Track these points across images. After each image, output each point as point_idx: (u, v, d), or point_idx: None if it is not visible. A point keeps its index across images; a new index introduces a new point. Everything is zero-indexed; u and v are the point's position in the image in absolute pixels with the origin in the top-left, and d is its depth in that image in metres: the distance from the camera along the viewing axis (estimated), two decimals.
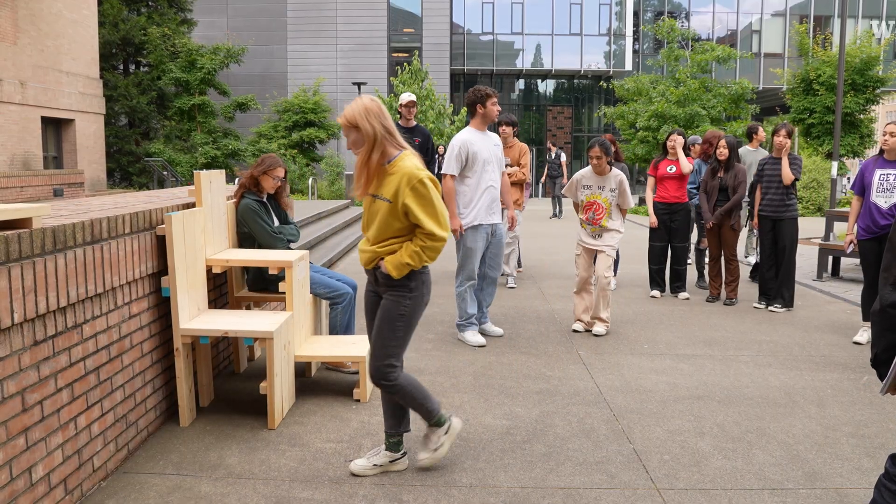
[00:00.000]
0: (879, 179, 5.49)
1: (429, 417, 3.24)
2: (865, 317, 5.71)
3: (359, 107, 2.94)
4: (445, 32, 30.16)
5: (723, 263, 7.16)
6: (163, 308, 3.72)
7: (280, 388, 3.83)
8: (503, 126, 7.67)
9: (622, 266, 8.90)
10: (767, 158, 6.79)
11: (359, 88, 23.22)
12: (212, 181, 4.18)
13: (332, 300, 4.75)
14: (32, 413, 2.59)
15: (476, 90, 5.37)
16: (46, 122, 17.75)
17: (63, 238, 2.75)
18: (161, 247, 3.62)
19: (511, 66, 32.21)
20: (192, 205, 4.12)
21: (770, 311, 6.75)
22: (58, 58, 17.64)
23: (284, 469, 3.28)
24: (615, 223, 5.76)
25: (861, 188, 5.64)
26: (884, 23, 31.30)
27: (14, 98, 16.03)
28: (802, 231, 8.23)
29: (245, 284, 4.76)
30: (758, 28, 32.38)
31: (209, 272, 4.17)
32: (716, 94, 20.24)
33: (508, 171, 7.58)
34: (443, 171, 5.40)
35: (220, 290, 4.59)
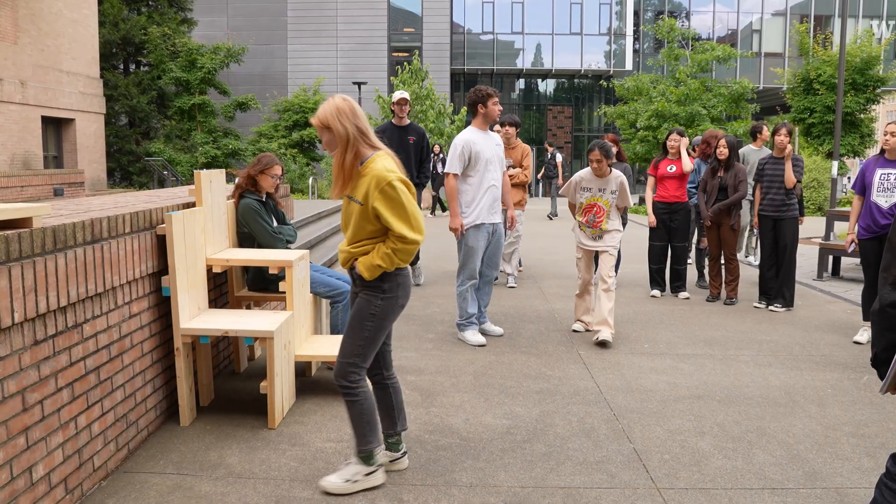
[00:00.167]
0: (880, 179, 5.49)
1: (361, 445, 3.06)
2: (866, 316, 5.71)
3: (330, 107, 2.90)
4: (446, 32, 30.16)
5: (723, 263, 7.16)
6: (163, 307, 3.72)
7: (280, 388, 3.83)
8: (506, 126, 7.67)
9: (623, 266, 8.90)
10: (768, 158, 6.79)
11: (359, 88, 23.23)
12: (212, 181, 4.18)
13: (333, 299, 4.75)
14: (33, 412, 2.59)
15: (477, 90, 5.37)
16: (47, 122, 17.75)
17: (63, 238, 2.75)
18: (161, 246, 3.62)
19: (511, 66, 32.20)
20: (193, 204, 4.12)
21: (770, 311, 6.75)
22: (58, 57, 17.64)
23: (285, 469, 3.28)
24: (614, 223, 5.65)
25: (862, 188, 5.64)
26: (884, 22, 31.29)
27: (14, 97, 16.03)
28: (803, 231, 8.23)
29: (245, 284, 4.76)
30: (758, 27, 32.38)
31: (209, 272, 4.17)
32: (716, 94, 20.25)
33: (510, 173, 7.59)
34: (446, 170, 5.41)
35: (221, 290, 4.59)
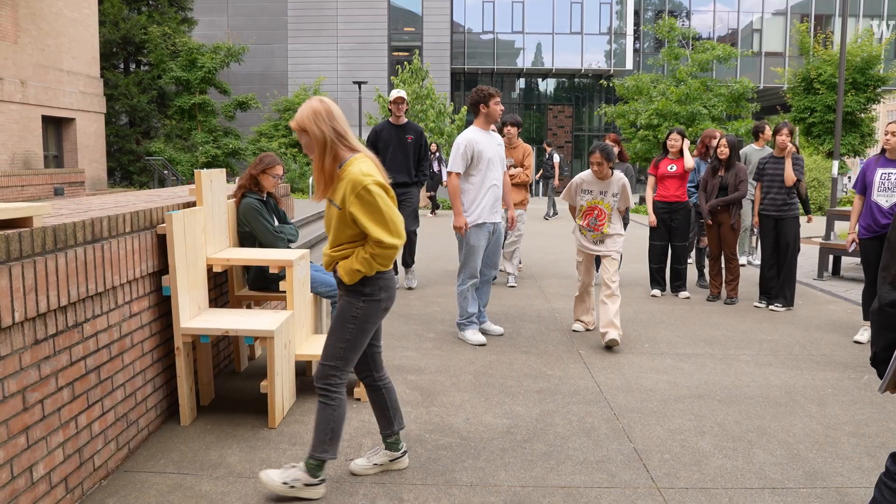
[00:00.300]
0: (881, 178, 5.49)
1: (314, 451, 2.95)
2: (866, 316, 5.71)
3: (307, 110, 2.84)
4: (446, 31, 30.15)
5: (723, 262, 7.15)
6: (163, 307, 3.72)
7: (281, 387, 3.84)
8: (508, 126, 7.67)
9: (623, 265, 8.89)
10: (768, 157, 6.79)
11: (359, 87, 23.23)
12: (212, 180, 4.18)
13: (333, 299, 4.75)
14: (33, 412, 2.60)
15: (479, 90, 5.38)
16: (47, 121, 17.76)
17: (64, 237, 2.75)
18: (162, 246, 3.62)
19: (511, 65, 32.19)
20: (193, 204, 4.12)
21: (771, 311, 6.75)
22: (58, 57, 17.65)
23: None
24: (616, 226, 5.54)
25: (863, 187, 5.64)
26: (884, 22, 31.28)
27: (15, 97, 16.03)
28: (804, 230, 8.23)
29: (246, 283, 4.76)
30: (758, 27, 32.37)
31: (210, 271, 4.17)
32: (716, 94, 20.24)
33: (512, 172, 7.59)
34: (448, 169, 5.41)
35: (221, 289, 4.59)
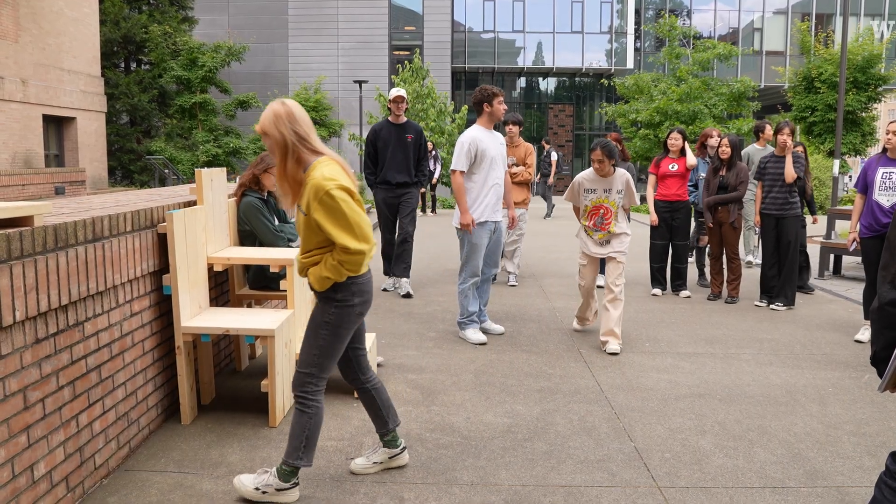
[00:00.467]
0: (882, 178, 5.48)
1: (288, 458, 2.91)
2: (867, 315, 5.71)
3: (268, 112, 2.77)
4: (447, 30, 30.13)
5: (724, 262, 7.15)
6: (164, 306, 3.72)
7: (281, 386, 3.84)
8: (510, 125, 7.67)
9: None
10: (769, 156, 6.79)
11: (360, 86, 23.22)
12: (213, 179, 4.18)
13: None
14: (34, 411, 2.60)
15: (483, 89, 5.39)
16: (48, 120, 17.77)
17: (64, 236, 2.76)
18: (162, 245, 3.63)
19: (512, 64, 32.18)
20: (194, 203, 4.12)
21: (771, 310, 6.75)
22: (59, 56, 17.65)
23: None
24: (623, 225, 5.35)
25: (864, 186, 5.64)
26: (884, 22, 31.24)
27: (15, 96, 16.04)
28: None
29: (246, 282, 4.76)
30: (759, 26, 32.34)
31: (210, 270, 4.17)
32: (717, 93, 20.23)
33: (514, 171, 7.59)
34: (452, 168, 5.41)
35: (222, 288, 4.60)
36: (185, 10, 25.90)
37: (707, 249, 7.91)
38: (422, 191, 17.15)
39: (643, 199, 8.30)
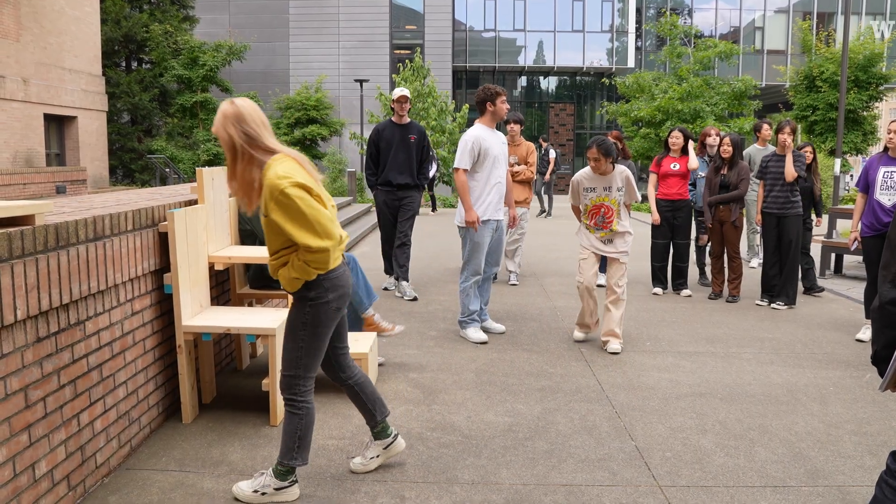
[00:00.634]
0: (883, 177, 5.48)
1: (282, 458, 2.92)
2: (868, 314, 5.71)
3: (219, 113, 2.69)
4: (447, 29, 30.12)
5: (725, 261, 7.15)
6: (165, 305, 3.72)
7: None
8: (511, 124, 7.67)
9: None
10: (771, 155, 6.79)
11: (361, 85, 23.22)
12: (214, 178, 4.18)
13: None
14: (35, 409, 2.60)
15: (486, 88, 5.40)
16: (49, 119, 17.78)
17: (66, 235, 2.76)
18: (163, 244, 3.63)
19: (513, 63, 32.17)
20: (195, 202, 4.12)
21: (772, 309, 6.74)
22: (60, 55, 17.66)
23: None
24: (625, 223, 5.26)
25: (865, 185, 5.63)
26: (885, 21, 31.20)
27: (17, 95, 16.05)
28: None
29: (247, 281, 4.76)
30: (761, 25, 32.32)
31: (211, 269, 4.17)
32: (718, 91, 20.22)
33: (516, 169, 7.59)
34: (455, 166, 5.41)
35: (223, 287, 4.60)
36: (186, 9, 25.90)
37: (708, 248, 7.91)
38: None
39: (644, 199, 8.29)
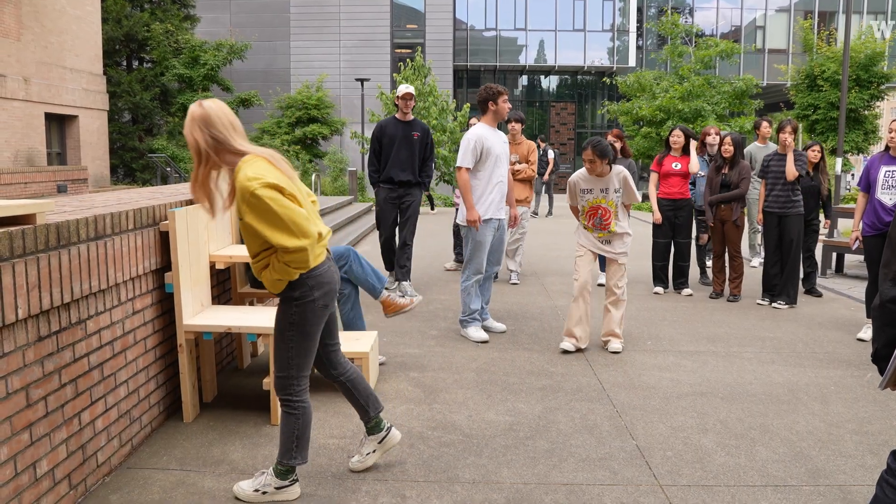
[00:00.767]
0: (885, 176, 5.48)
1: (282, 458, 2.92)
2: (869, 313, 5.70)
3: (187, 116, 2.64)
4: (448, 28, 30.13)
5: (727, 260, 7.14)
6: (166, 304, 3.73)
7: None
8: (512, 122, 7.67)
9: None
10: (772, 155, 6.78)
11: (362, 84, 23.23)
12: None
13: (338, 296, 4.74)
14: (37, 408, 2.60)
15: (488, 88, 5.40)
16: (50, 119, 17.79)
17: (67, 234, 2.76)
18: (164, 243, 3.63)
19: (514, 63, 32.16)
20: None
21: (774, 308, 6.74)
22: (61, 54, 17.67)
23: None
24: (623, 224, 5.18)
25: (866, 185, 5.63)
26: (885, 21, 31.17)
27: (18, 94, 16.06)
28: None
29: (248, 280, 4.77)
30: (762, 24, 32.31)
31: (212, 268, 4.18)
32: (719, 91, 20.21)
33: (517, 168, 7.58)
34: (457, 164, 5.41)
35: (224, 287, 4.60)
36: (187, 9, 25.91)
37: (708, 247, 7.91)
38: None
39: (645, 198, 8.29)
